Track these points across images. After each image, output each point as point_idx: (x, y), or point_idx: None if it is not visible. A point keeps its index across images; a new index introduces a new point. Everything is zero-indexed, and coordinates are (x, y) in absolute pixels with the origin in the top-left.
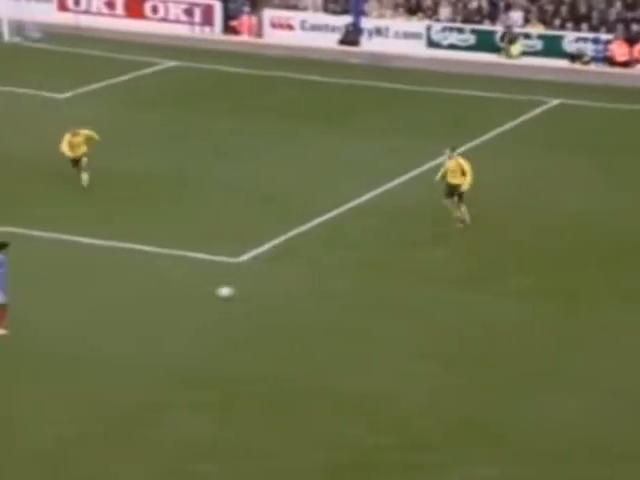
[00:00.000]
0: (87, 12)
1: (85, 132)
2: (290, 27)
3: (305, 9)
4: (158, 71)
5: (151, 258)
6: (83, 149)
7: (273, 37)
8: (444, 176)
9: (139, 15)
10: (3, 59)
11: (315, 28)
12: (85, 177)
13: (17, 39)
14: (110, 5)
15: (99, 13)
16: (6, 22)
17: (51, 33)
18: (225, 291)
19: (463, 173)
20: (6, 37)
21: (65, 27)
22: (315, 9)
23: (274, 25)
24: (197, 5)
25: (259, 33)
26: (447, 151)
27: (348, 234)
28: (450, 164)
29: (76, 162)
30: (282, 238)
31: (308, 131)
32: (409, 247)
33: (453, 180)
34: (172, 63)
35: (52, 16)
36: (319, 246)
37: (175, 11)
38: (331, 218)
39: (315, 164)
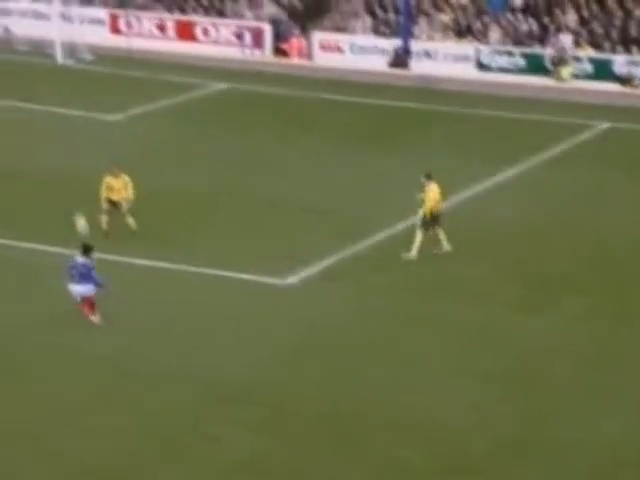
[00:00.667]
0: (139, 35)
1: (125, 178)
2: (339, 50)
3: (354, 32)
4: (209, 93)
5: (200, 277)
6: (123, 193)
7: (322, 59)
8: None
9: (190, 38)
10: (56, 81)
11: (364, 51)
12: (131, 221)
13: (70, 61)
14: (161, 28)
15: (151, 36)
16: (59, 44)
17: (103, 55)
18: (81, 226)
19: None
20: (59, 59)
21: (117, 49)
22: (364, 32)
23: (324, 48)
24: (247, 28)
25: (309, 56)
26: (422, 179)
27: (397, 254)
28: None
29: (114, 204)
30: (331, 257)
31: (358, 152)
32: (460, 267)
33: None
34: (223, 85)
35: (104, 38)
36: (368, 265)
37: (225, 34)
38: (380, 237)
39: (365, 184)
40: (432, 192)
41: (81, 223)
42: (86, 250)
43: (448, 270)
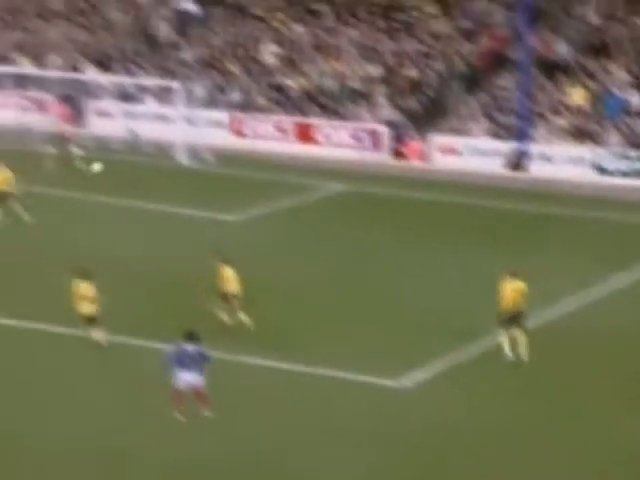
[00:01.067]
0: (260, 137)
1: (229, 270)
2: (457, 152)
3: (471, 134)
4: (327, 195)
5: (311, 377)
6: (228, 285)
7: (440, 162)
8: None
9: (309, 140)
10: (179, 182)
11: (482, 153)
12: (244, 317)
13: (192, 163)
14: (281, 130)
15: (271, 138)
16: (182, 146)
17: (224, 157)
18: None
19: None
20: (182, 161)
21: (238, 151)
22: (482, 134)
23: (441, 150)
24: (365, 130)
25: (426, 158)
26: (507, 275)
27: (509, 355)
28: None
29: (226, 299)
30: (444, 359)
31: (473, 253)
32: (572, 372)
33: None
34: (341, 187)
35: (226, 141)
36: (480, 367)
37: (344, 136)
38: (493, 339)
39: (479, 285)
40: (505, 290)
41: (95, 167)
42: (192, 337)
43: (559, 375)
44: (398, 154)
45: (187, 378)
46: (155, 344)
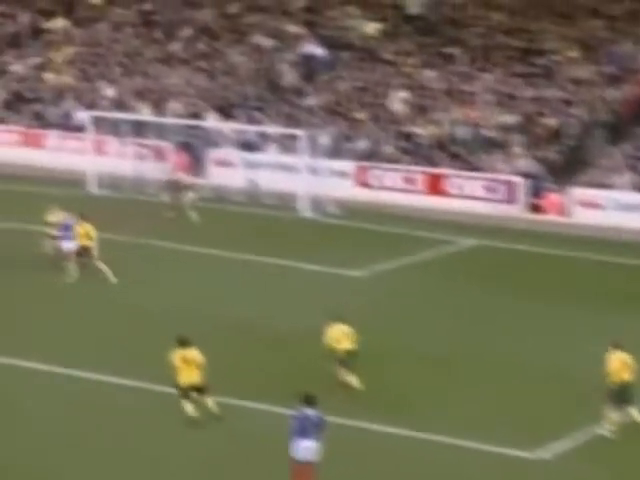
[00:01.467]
0: (386, 188)
1: (343, 328)
2: (599, 206)
3: (615, 187)
4: (458, 249)
5: (436, 446)
6: (346, 345)
7: (581, 216)
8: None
9: (439, 192)
10: (301, 235)
11: (627, 208)
12: (354, 380)
13: (314, 215)
14: (410, 181)
15: (399, 189)
16: (305, 197)
17: (349, 209)
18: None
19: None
20: (304, 213)
21: (364, 203)
22: (626, 187)
23: (582, 204)
24: (499, 182)
25: (567, 212)
26: (610, 347)
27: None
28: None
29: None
30: (581, 429)
31: (617, 314)
32: None
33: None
34: (472, 241)
35: (351, 192)
36: (620, 439)
37: (476, 188)
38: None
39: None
40: (614, 362)
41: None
42: (311, 401)
43: None
44: (535, 208)
45: (307, 446)
46: (271, 407)
